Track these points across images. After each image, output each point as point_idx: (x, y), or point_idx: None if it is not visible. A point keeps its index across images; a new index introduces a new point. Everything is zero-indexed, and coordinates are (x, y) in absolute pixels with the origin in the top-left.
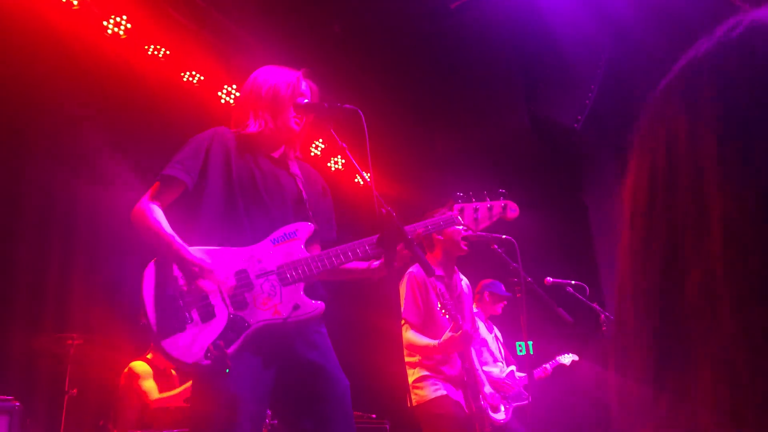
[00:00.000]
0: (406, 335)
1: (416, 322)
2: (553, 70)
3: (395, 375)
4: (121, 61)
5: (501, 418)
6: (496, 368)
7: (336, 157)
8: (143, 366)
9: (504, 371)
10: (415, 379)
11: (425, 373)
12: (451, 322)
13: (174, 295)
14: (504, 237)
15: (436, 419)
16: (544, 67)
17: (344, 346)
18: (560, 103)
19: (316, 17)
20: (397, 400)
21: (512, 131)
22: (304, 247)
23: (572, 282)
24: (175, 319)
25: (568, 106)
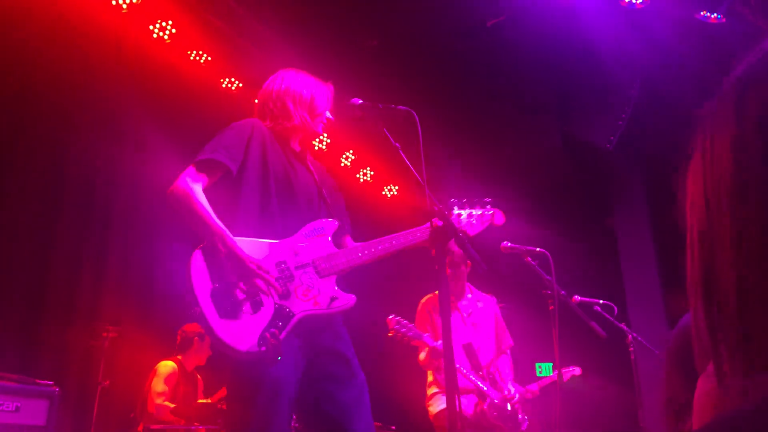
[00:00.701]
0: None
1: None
2: (588, 90)
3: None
4: (165, 64)
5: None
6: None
7: (365, 169)
8: (167, 366)
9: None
10: (428, 396)
11: (435, 390)
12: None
13: (226, 285)
14: (538, 250)
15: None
16: (579, 87)
17: (366, 355)
18: (593, 123)
19: (355, 30)
20: (414, 413)
21: (544, 150)
22: (331, 242)
23: (600, 301)
24: (227, 308)
25: (601, 127)
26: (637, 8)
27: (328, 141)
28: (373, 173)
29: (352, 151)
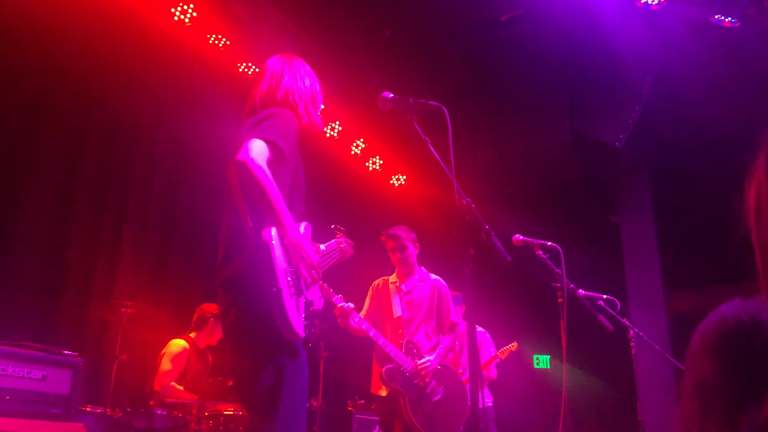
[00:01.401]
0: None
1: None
2: (600, 87)
3: None
4: (185, 47)
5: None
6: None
7: (374, 157)
8: (178, 344)
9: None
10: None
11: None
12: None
13: (292, 269)
14: (549, 244)
15: None
16: (591, 83)
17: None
18: (604, 120)
19: (369, 21)
20: None
21: (553, 146)
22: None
23: (604, 296)
24: (292, 291)
25: (612, 125)
26: (653, 9)
27: (340, 129)
28: (382, 162)
29: (363, 140)
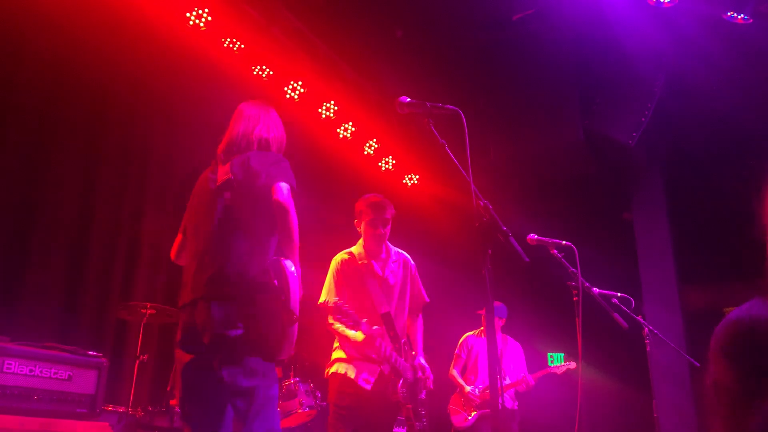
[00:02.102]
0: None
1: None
2: (612, 85)
3: None
4: (199, 51)
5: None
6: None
7: (387, 157)
8: None
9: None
10: (331, 360)
11: (340, 355)
12: None
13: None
14: (564, 243)
15: None
16: (603, 81)
17: None
18: (616, 119)
19: (380, 22)
20: None
21: (566, 144)
22: None
23: (618, 294)
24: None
25: (624, 123)
26: (665, 7)
27: (353, 129)
28: (395, 162)
29: (376, 140)
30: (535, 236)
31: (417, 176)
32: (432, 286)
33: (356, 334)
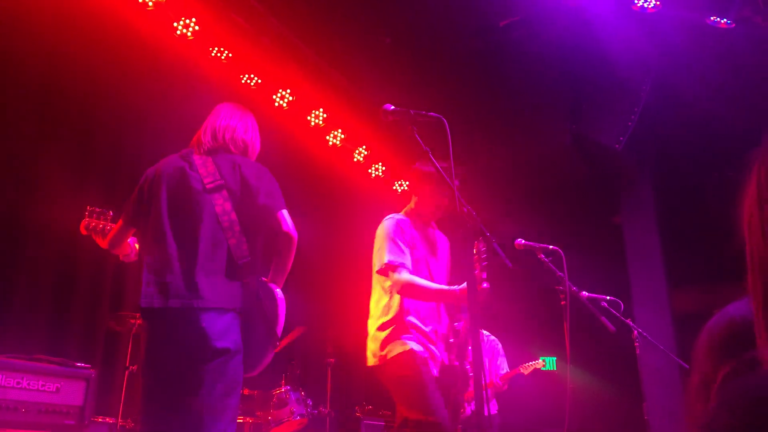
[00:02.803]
0: None
1: None
2: (598, 90)
3: None
4: (187, 60)
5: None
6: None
7: (377, 164)
8: None
9: None
10: (384, 339)
11: (405, 334)
12: None
13: None
14: (551, 247)
15: None
16: (590, 86)
17: None
18: (603, 123)
19: (369, 28)
20: None
21: (554, 148)
22: None
23: (608, 297)
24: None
25: (611, 127)
26: (649, 12)
27: (343, 136)
28: (384, 168)
29: (365, 147)
30: (522, 241)
31: (407, 182)
32: None
33: None
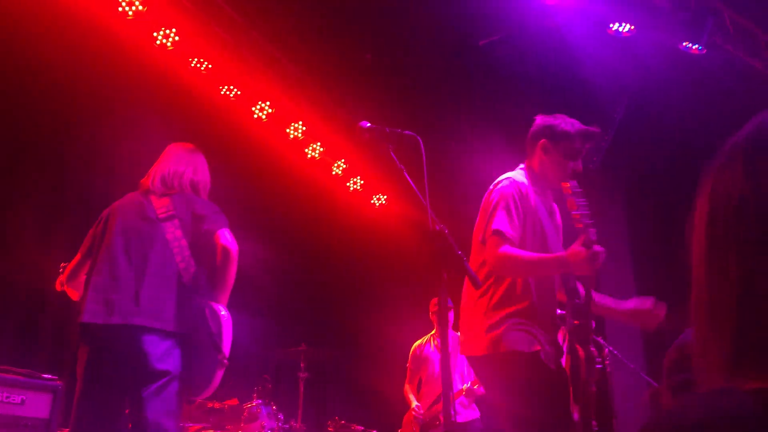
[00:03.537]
0: None
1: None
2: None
3: None
4: (166, 71)
5: None
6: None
7: (355, 178)
8: None
9: None
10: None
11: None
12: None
13: None
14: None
15: None
16: (564, 108)
17: None
18: None
19: (349, 44)
20: None
21: None
22: None
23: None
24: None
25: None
26: (623, 36)
27: (322, 149)
28: (363, 182)
29: (344, 160)
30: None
31: (385, 197)
32: (401, 306)
33: None
